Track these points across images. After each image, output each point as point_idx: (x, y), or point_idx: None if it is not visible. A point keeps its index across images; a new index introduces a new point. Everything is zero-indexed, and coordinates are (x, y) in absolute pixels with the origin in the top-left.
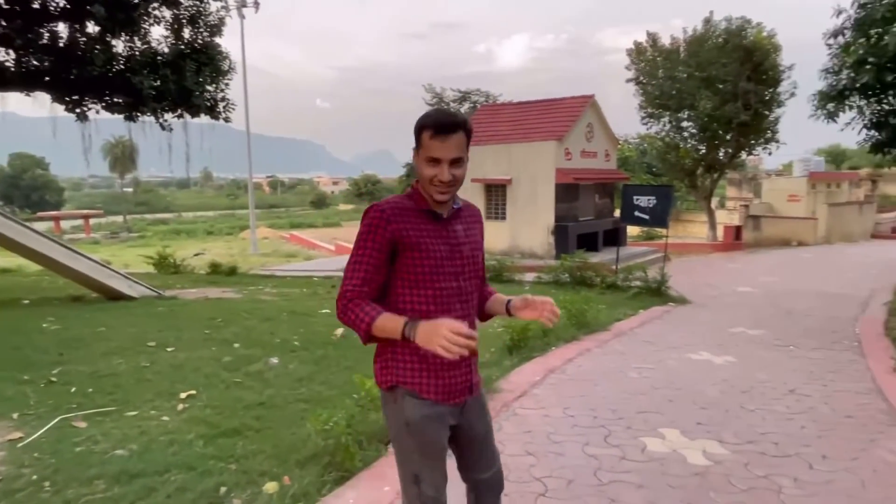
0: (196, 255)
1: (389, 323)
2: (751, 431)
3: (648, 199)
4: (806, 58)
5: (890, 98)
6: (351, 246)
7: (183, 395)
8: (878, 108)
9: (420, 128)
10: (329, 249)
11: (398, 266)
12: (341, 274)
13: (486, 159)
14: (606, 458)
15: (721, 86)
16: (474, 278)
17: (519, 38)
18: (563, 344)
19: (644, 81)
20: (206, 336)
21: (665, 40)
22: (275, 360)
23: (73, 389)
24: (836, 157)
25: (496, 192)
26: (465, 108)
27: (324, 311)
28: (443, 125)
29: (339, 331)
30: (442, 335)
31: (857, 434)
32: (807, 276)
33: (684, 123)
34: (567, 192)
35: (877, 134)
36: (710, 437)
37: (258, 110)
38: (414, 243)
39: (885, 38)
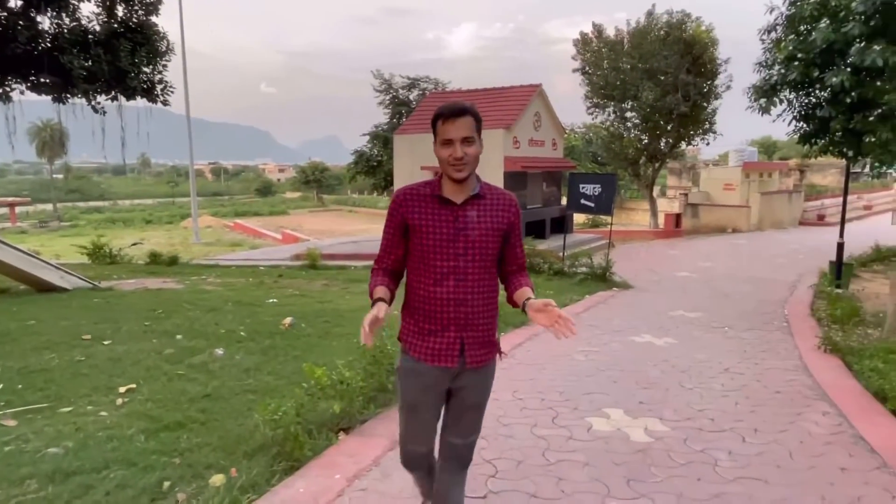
0: (134, 244)
1: (374, 297)
2: (689, 409)
3: (594, 188)
4: (741, 53)
5: (817, 92)
6: (298, 234)
7: (122, 390)
8: (807, 100)
9: (434, 119)
10: (276, 238)
11: (409, 244)
12: (289, 263)
13: None
14: (554, 439)
15: (662, 77)
16: (481, 261)
17: (467, 27)
18: (513, 329)
19: (590, 72)
20: (147, 328)
21: (610, 32)
22: (220, 352)
23: (1, 387)
24: (767, 147)
25: None
26: (413, 95)
27: (271, 300)
28: (452, 110)
29: (287, 320)
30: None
31: (785, 408)
32: (741, 262)
33: (628, 114)
34: (515, 180)
35: (805, 126)
36: (651, 416)
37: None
38: (417, 225)
39: (813, 34)
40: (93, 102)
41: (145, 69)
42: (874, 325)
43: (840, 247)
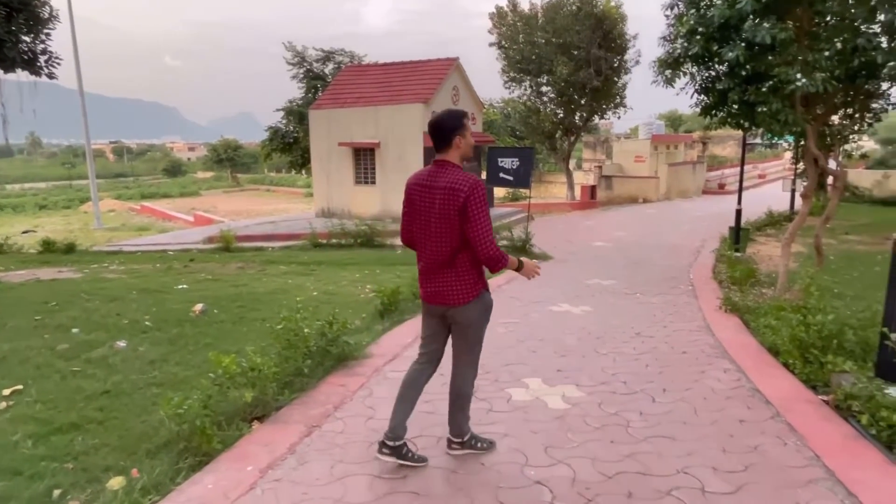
0: (25, 232)
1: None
2: (603, 374)
3: (512, 161)
4: (648, 30)
5: (716, 65)
6: (210, 216)
7: (6, 392)
8: (707, 74)
9: (463, 116)
10: (188, 221)
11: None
12: (202, 246)
13: (353, 122)
14: (475, 412)
15: (576, 52)
16: None
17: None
18: None
19: (506, 46)
20: (37, 322)
21: (525, 6)
22: (122, 344)
23: None
24: (674, 121)
25: (365, 155)
26: (329, 68)
27: (180, 286)
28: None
29: (198, 307)
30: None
31: (690, 367)
32: (651, 230)
33: (544, 88)
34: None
35: (705, 98)
36: (568, 383)
37: (95, 67)
38: None
39: (711, 10)
40: None
41: (25, 38)
42: (768, 284)
43: (738, 213)
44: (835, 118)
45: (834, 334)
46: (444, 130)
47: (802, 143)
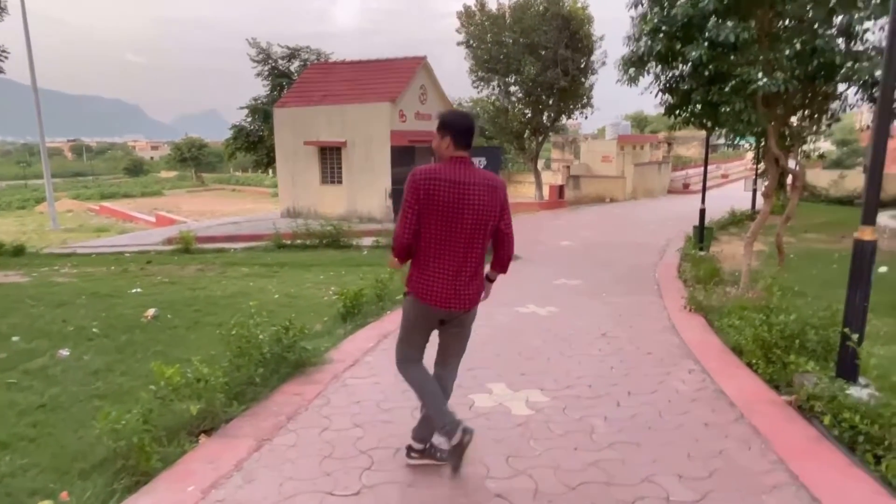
0: None
1: None
2: (568, 377)
3: (479, 161)
4: (613, 31)
5: (679, 65)
6: (173, 217)
7: None
8: (671, 74)
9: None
10: (149, 221)
11: None
12: (161, 248)
13: (319, 121)
14: None
15: (543, 52)
16: None
17: None
18: (399, 307)
19: (474, 45)
20: None
21: (492, 5)
22: (65, 353)
23: None
24: (639, 122)
25: (331, 155)
26: (294, 66)
27: (134, 290)
28: None
29: (150, 311)
30: None
31: (655, 369)
32: (618, 229)
33: (512, 88)
34: (403, 154)
35: (669, 98)
36: (532, 387)
37: (52, 63)
38: None
39: (675, 9)
40: None
41: None
42: (731, 283)
43: (702, 212)
44: (794, 119)
45: (796, 334)
46: (473, 129)
47: (763, 143)
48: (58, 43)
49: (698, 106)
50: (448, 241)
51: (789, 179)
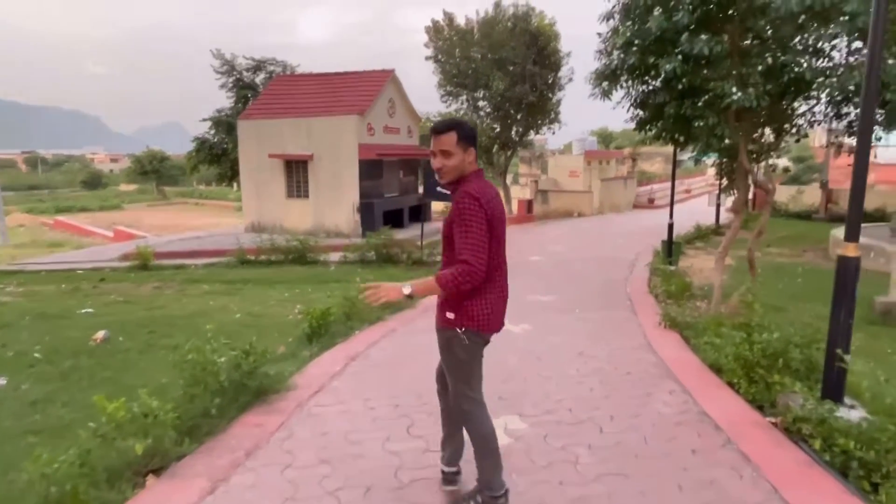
0: None
1: None
2: (548, 400)
3: None
4: (580, 48)
5: (652, 79)
6: (133, 231)
7: None
8: (643, 88)
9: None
10: (107, 236)
11: None
12: (117, 264)
13: (285, 134)
14: (409, 454)
15: (511, 68)
16: (445, 246)
17: (321, 10)
18: (368, 326)
19: (442, 60)
20: None
21: (460, 20)
22: (1, 381)
23: None
24: (605, 138)
25: (297, 168)
26: (260, 78)
27: (85, 310)
28: (435, 128)
29: (100, 334)
30: None
31: (636, 390)
32: (587, 244)
33: (480, 103)
34: (371, 168)
35: (641, 112)
36: (511, 412)
37: (7, 73)
38: None
39: (648, 22)
40: None
41: None
42: (701, 297)
43: (670, 227)
44: (761, 134)
45: (779, 353)
46: None
47: (726, 159)
48: (15, 52)
49: (671, 120)
50: (500, 258)
51: (750, 194)
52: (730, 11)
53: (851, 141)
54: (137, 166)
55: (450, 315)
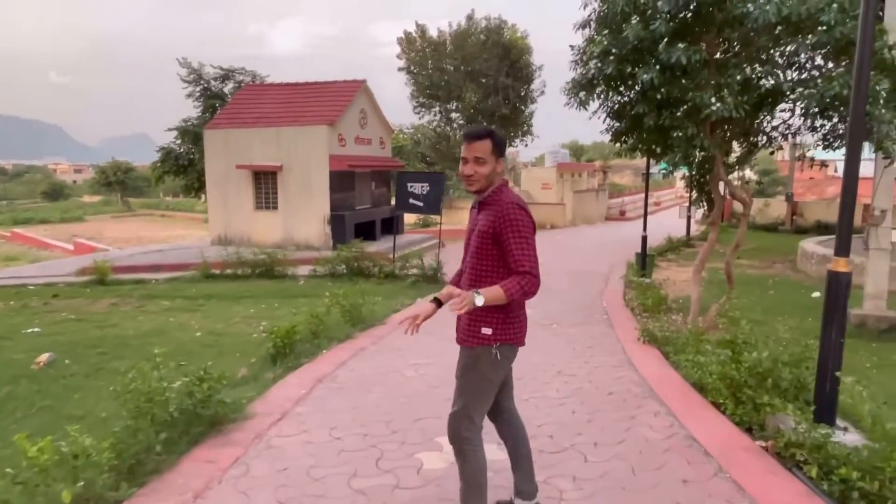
0: None
1: None
2: (528, 426)
3: (422, 186)
4: (552, 62)
5: (629, 90)
6: (94, 244)
7: None
8: (619, 98)
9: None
10: (67, 249)
11: None
12: (72, 279)
13: (253, 144)
14: (376, 491)
15: (484, 80)
16: (473, 257)
17: (293, 22)
18: (337, 344)
19: (415, 71)
20: None
21: (433, 32)
22: None
23: None
24: (576, 150)
25: (266, 179)
26: (228, 87)
27: (31, 330)
28: (469, 134)
29: (43, 357)
30: None
31: (619, 412)
32: (561, 256)
33: (453, 114)
34: (342, 179)
35: (617, 123)
36: (489, 440)
37: None
38: None
39: (626, 31)
40: None
41: None
42: (677, 310)
43: (644, 240)
44: (736, 145)
45: (767, 372)
46: None
47: (698, 172)
48: None
49: (649, 131)
50: None
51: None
52: (707, 21)
53: (821, 153)
54: (101, 177)
55: (486, 331)
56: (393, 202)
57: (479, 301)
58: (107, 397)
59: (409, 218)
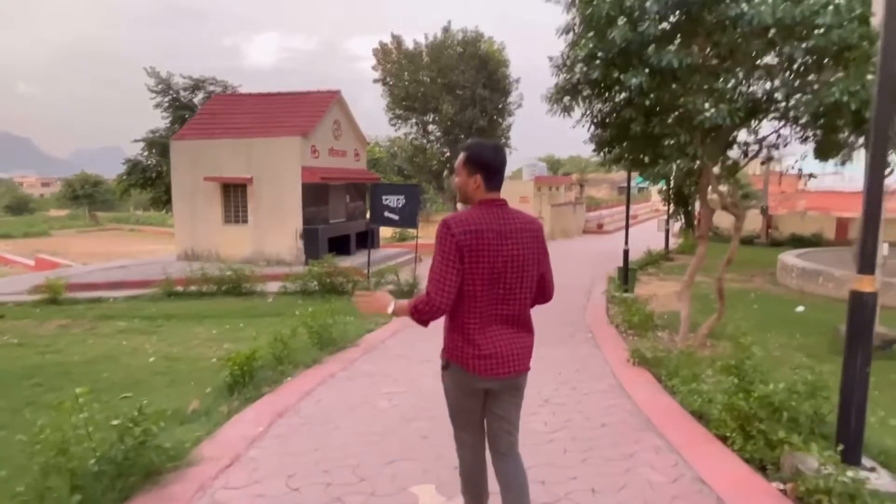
0: None
1: None
2: None
3: (398, 199)
4: (529, 76)
5: (617, 95)
6: (57, 260)
7: None
8: (604, 106)
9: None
10: (27, 265)
11: None
12: (23, 298)
13: (222, 155)
14: None
15: (461, 92)
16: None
17: (269, 37)
18: (303, 370)
19: (391, 83)
20: None
21: (409, 43)
22: None
23: None
24: (552, 164)
25: (235, 192)
26: (198, 98)
27: None
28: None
29: None
30: None
31: (616, 448)
32: None
33: (430, 127)
34: (316, 192)
35: (602, 132)
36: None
37: None
38: None
39: (612, 33)
40: None
41: None
42: (662, 326)
43: (626, 254)
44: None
45: (783, 404)
46: (505, 165)
47: (672, 186)
48: None
49: (637, 139)
50: (507, 296)
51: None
52: (698, 24)
53: (810, 165)
54: (68, 190)
55: (444, 345)
56: (368, 216)
57: (390, 308)
58: (17, 445)
59: (385, 232)
